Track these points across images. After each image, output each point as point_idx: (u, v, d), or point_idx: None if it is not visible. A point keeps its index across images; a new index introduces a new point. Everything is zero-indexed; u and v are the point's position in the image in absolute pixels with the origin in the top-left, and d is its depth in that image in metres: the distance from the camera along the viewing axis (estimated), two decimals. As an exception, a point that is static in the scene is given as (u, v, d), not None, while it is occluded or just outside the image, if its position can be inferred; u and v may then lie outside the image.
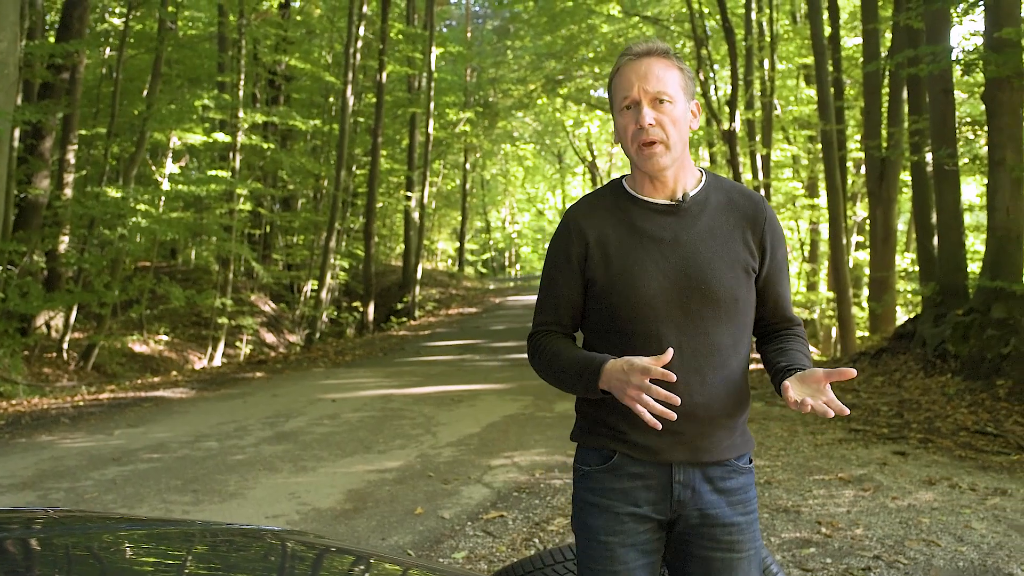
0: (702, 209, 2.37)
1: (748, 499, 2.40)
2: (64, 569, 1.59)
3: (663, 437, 2.30)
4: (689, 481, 2.34)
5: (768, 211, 2.42)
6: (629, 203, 2.41)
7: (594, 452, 2.42)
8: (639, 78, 2.29)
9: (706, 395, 2.30)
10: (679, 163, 2.35)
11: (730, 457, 2.37)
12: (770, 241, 2.40)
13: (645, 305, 2.29)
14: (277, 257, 27.94)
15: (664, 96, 2.29)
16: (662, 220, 2.36)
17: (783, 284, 2.46)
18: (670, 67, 2.33)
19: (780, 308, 2.47)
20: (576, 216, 2.45)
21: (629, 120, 2.32)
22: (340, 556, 2.00)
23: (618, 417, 2.34)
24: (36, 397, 12.31)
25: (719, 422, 2.33)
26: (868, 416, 9.54)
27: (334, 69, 26.86)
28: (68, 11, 17.56)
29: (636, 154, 2.32)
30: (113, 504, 6.37)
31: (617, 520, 2.35)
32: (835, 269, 17.71)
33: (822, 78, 17.53)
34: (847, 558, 5.00)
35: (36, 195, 17.02)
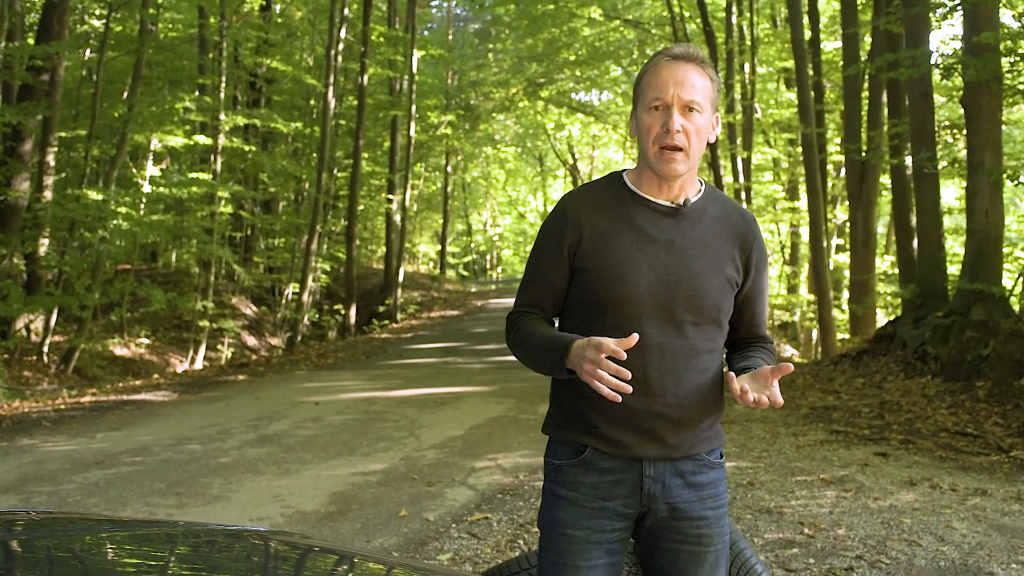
0: (700, 217, 2.40)
1: (718, 494, 2.43)
2: (46, 571, 1.58)
3: (635, 433, 2.34)
4: (660, 475, 2.37)
5: (758, 233, 2.48)
6: (630, 199, 2.42)
7: (566, 446, 2.44)
8: (675, 83, 2.31)
9: (681, 396, 2.33)
10: (690, 171, 2.38)
11: (701, 451, 2.41)
12: (755, 262, 2.45)
13: (631, 301, 2.31)
14: (258, 260, 27.85)
15: (695, 105, 2.31)
16: (662, 221, 2.38)
17: (760, 304, 2.51)
18: (704, 76, 2.35)
19: (754, 326, 2.52)
20: (575, 204, 2.45)
21: (656, 121, 2.32)
22: (325, 556, 2.01)
23: (592, 411, 2.36)
24: (16, 400, 12.23)
25: (691, 423, 2.37)
26: (849, 418, 9.60)
27: (315, 72, 26.79)
28: (48, 13, 17.46)
29: (655, 155, 2.33)
30: (96, 507, 6.35)
31: (586, 514, 2.38)
32: (815, 272, 17.79)
33: (802, 81, 17.62)
34: (830, 558, 5.04)
35: (16, 197, 16.91)
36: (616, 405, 2.27)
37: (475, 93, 37.72)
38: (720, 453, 2.49)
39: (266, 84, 26.82)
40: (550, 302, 2.47)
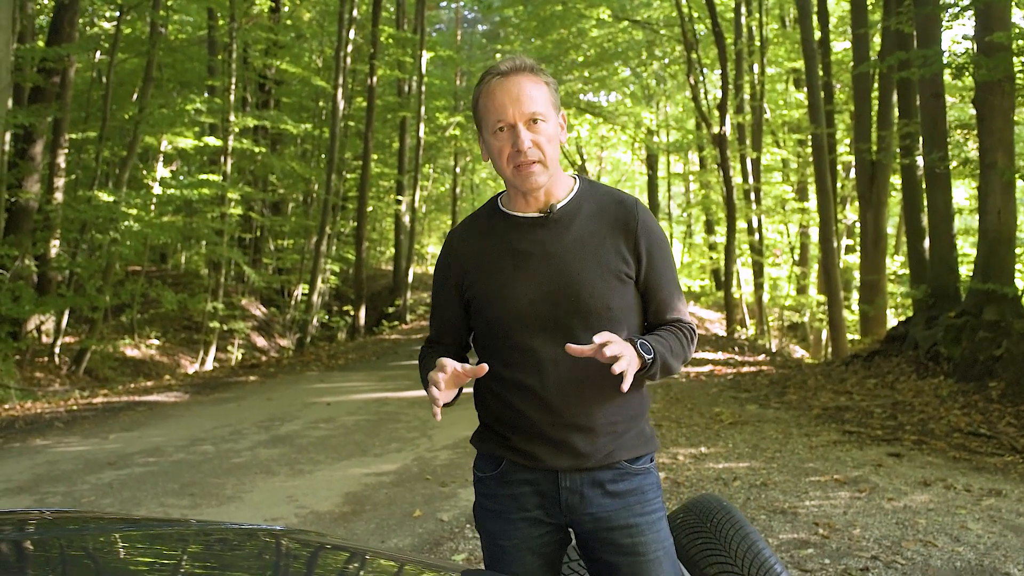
0: (572, 219, 2.35)
1: (646, 500, 2.37)
2: (60, 570, 1.58)
3: (544, 445, 2.33)
4: (576, 487, 2.34)
5: (641, 215, 2.38)
6: (501, 220, 2.41)
7: (486, 458, 2.46)
8: (512, 100, 2.26)
9: (584, 404, 2.30)
10: (552, 177, 2.34)
11: (620, 460, 2.35)
12: (645, 245, 2.35)
13: (517, 319, 2.30)
14: (268, 261, 27.90)
15: (538, 116, 2.26)
16: (531, 234, 2.35)
17: (665, 288, 2.41)
18: (539, 83, 2.30)
19: (662, 312, 2.41)
20: (452, 239, 2.49)
21: (504, 142, 2.28)
22: (341, 553, 2.01)
23: (503, 425, 2.39)
24: (29, 402, 12.27)
25: (602, 430, 2.32)
26: (862, 418, 9.57)
27: (324, 73, 26.84)
28: (58, 15, 17.51)
29: (513, 175, 2.29)
30: (110, 508, 6.36)
31: (511, 525, 2.39)
32: (826, 272, 17.78)
33: (812, 82, 17.60)
34: (845, 559, 5.03)
35: (27, 199, 16.95)
36: (523, 419, 2.32)
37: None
38: (650, 459, 2.43)
39: (275, 86, 26.86)
40: (449, 336, 2.51)
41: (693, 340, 2.43)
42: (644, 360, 2.20)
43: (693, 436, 8.90)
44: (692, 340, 2.42)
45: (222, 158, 20.32)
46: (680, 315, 2.42)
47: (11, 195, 16.59)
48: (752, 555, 3.01)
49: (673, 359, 2.31)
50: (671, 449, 8.24)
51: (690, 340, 2.41)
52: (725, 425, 9.45)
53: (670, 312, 2.41)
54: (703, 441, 8.61)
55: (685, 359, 2.38)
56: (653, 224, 2.40)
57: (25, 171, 17.03)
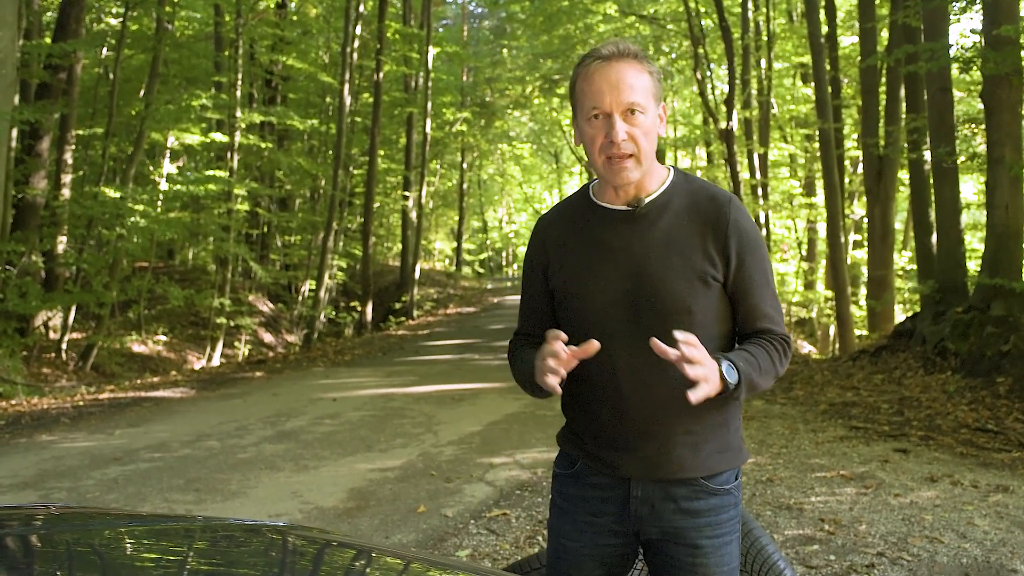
0: (660, 214, 2.25)
1: (718, 522, 2.28)
2: (66, 564, 1.57)
3: (619, 452, 2.27)
4: (648, 498, 2.27)
5: (735, 213, 2.24)
6: (589, 210, 2.34)
7: (565, 456, 2.43)
8: (610, 88, 2.15)
9: (659, 410, 2.21)
10: (646, 171, 2.24)
11: (697, 476, 2.26)
12: (735, 246, 2.22)
13: (594, 316, 2.23)
14: (275, 257, 27.90)
15: (636, 107, 2.16)
16: (617, 227, 2.27)
17: (756, 293, 2.26)
18: (641, 72, 2.19)
19: (752, 319, 2.27)
20: (541, 224, 2.43)
21: (598, 131, 2.18)
22: (344, 550, 1.99)
23: (580, 427, 2.35)
24: (35, 397, 12.29)
25: (677, 439, 2.23)
26: (869, 414, 9.55)
27: (331, 69, 26.82)
28: (65, 11, 17.52)
29: (604, 166, 2.21)
30: (116, 503, 6.36)
31: (577, 527, 2.35)
32: (833, 267, 17.72)
33: (819, 76, 17.54)
34: (851, 555, 5.01)
35: (34, 195, 16.98)
36: (596, 422, 2.27)
37: (490, 90, 37.72)
38: (735, 475, 2.33)
39: (282, 82, 26.88)
40: (537, 326, 2.39)
41: (785, 354, 2.28)
42: (727, 385, 2.07)
43: (699, 432, 8.87)
44: (784, 354, 2.27)
45: (228, 154, 20.32)
46: (772, 324, 2.28)
47: (18, 191, 16.62)
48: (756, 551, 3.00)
49: (761, 377, 2.17)
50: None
51: (782, 354, 2.26)
52: (731, 421, 9.42)
53: (760, 320, 2.27)
54: (709, 437, 8.58)
55: (776, 375, 2.24)
56: (747, 223, 2.26)
57: (32, 167, 17.06)
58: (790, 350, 2.30)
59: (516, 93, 35.68)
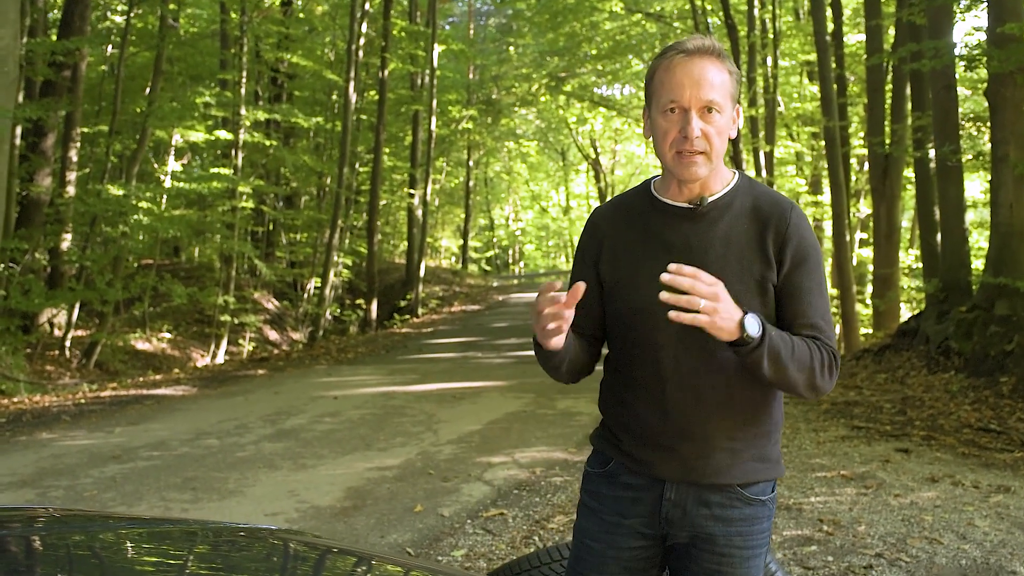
0: (722, 214, 2.22)
1: (752, 532, 2.25)
2: (65, 568, 1.57)
3: (657, 452, 2.23)
4: (680, 501, 2.24)
5: (796, 219, 2.21)
6: (649, 205, 2.30)
7: (598, 456, 2.39)
8: (692, 83, 2.12)
9: (702, 414, 2.18)
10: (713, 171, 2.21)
11: (733, 483, 2.22)
12: (791, 251, 2.18)
13: (644, 312, 2.18)
14: (281, 255, 27.91)
15: (714, 105, 2.13)
16: (677, 225, 2.24)
17: (805, 301, 2.19)
18: (722, 71, 2.17)
19: (798, 327, 2.18)
20: (596, 215, 2.40)
21: (672, 125, 2.15)
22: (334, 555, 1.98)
23: (617, 423, 2.32)
24: (38, 395, 12.30)
25: (718, 444, 2.20)
26: (871, 413, 9.50)
27: (336, 66, 26.81)
28: (69, 9, 17.54)
29: (673, 160, 2.17)
30: (112, 502, 6.35)
31: (605, 526, 2.31)
32: (838, 266, 17.65)
33: (825, 75, 17.48)
34: (849, 556, 4.98)
35: (38, 193, 17.01)
36: (637, 421, 2.23)
37: (497, 88, 37.70)
38: (770, 488, 2.29)
39: (288, 80, 26.86)
40: (582, 319, 2.28)
41: (831, 366, 2.16)
42: (744, 334, 1.99)
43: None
44: (828, 364, 2.15)
45: (233, 152, 20.33)
46: (819, 333, 2.18)
47: (22, 189, 16.65)
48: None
49: (792, 361, 2.07)
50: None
51: (824, 360, 2.15)
52: (732, 420, 9.39)
53: (807, 329, 2.18)
54: (710, 436, 8.55)
55: (812, 374, 2.12)
56: (808, 232, 2.22)
57: (36, 165, 17.08)
58: (837, 365, 2.19)
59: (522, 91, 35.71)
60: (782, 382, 2.11)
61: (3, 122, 11.73)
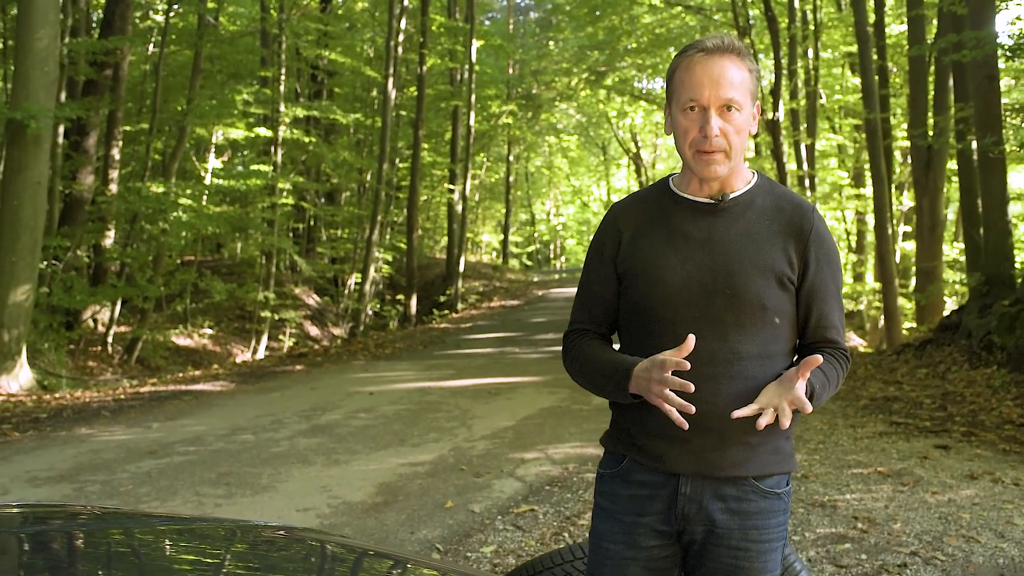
0: (744, 211, 2.26)
1: (768, 526, 2.26)
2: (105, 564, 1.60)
3: (672, 444, 2.22)
4: (696, 495, 2.23)
5: (817, 223, 2.25)
6: (670, 200, 2.33)
7: (611, 457, 2.39)
8: (711, 82, 2.16)
9: (719, 405, 2.16)
10: (733, 168, 2.25)
11: (747, 475, 2.23)
12: (814, 255, 2.23)
13: (665, 302, 2.20)
14: (322, 251, 28.08)
15: (733, 103, 2.16)
16: (699, 219, 2.26)
17: (828, 303, 2.26)
18: (742, 69, 2.20)
19: (821, 329, 2.26)
20: (616, 211, 2.41)
21: (692, 123, 2.19)
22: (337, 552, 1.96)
23: (632, 422, 2.30)
24: (79, 390, 12.45)
25: (733, 436, 2.20)
26: (910, 409, 9.37)
27: (376, 63, 26.91)
28: (110, 8, 17.74)
29: (693, 158, 2.20)
30: (147, 496, 6.40)
31: (622, 527, 2.30)
32: (881, 259, 17.47)
33: (866, 66, 17.28)
34: (883, 554, 4.90)
35: (81, 191, 17.22)
36: (653, 415, 2.19)
37: (536, 82, 37.62)
38: (786, 482, 2.30)
39: (328, 76, 27.00)
40: (602, 314, 2.38)
41: (846, 368, 2.30)
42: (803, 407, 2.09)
43: (735, 427, 8.76)
44: (846, 369, 2.29)
45: (273, 148, 20.46)
46: (838, 336, 2.28)
47: (65, 187, 16.87)
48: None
49: (827, 394, 2.20)
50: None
51: (845, 369, 2.28)
52: (769, 416, 9.29)
53: (828, 330, 2.26)
54: (745, 432, 8.47)
55: (838, 389, 2.26)
56: (827, 235, 2.28)
57: (79, 163, 17.30)
58: (849, 365, 2.32)
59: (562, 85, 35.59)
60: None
61: (44, 121, 11.87)
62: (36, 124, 11.61)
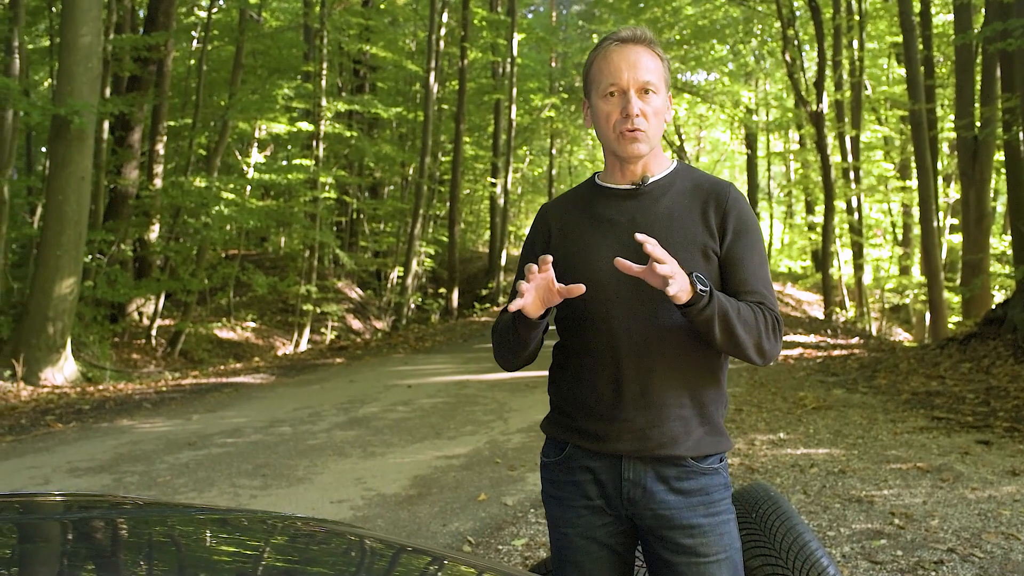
0: (664, 192, 2.34)
1: (712, 500, 2.30)
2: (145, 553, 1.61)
3: (611, 424, 2.28)
4: (639, 479, 2.28)
5: (734, 195, 2.33)
6: (594, 192, 2.42)
7: (552, 443, 2.44)
8: (628, 66, 2.27)
9: (655, 381, 2.25)
10: (653, 152, 2.34)
11: (687, 455, 2.27)
12: (733, 223, 2.29)
13: (596, 287, 2.24)
14: (364, 244, 28.21)
15: (651, 87, 2.27)
16: (621, 204, 2.35)
17: (747, 269, 2.29)
18: (655, 57, 2.31)
19: (744, 294, 2.27)
20: (545, 209, 2.51)
21: (613, 107, 2.28)
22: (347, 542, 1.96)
23: (570, 402, 2.36)
24: (122, 383, 12.60)
25: (670, 412, 2.26)
26: (953, 404, 9.22)
27: (418, 57, 26.97)
28: (154, 5, 17.91)
29: (617, 140, 2.29)
30: (184, 487, 6.46)
31: (574, 513, 2.36)
32: (926, 252, 17.25)
33: (911, 56, 17.07)
34: (919, 550, 4.83)
35: (125, 186, 17.42)
36: (592, 394, 2.29)
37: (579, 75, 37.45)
38: (719, 459, 2.35)
39: (370, 71, 27.09)
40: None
41: (775, 328, 2.26)
42: (696, 291, 2.07)
43: (773, 421, 8.69)
44: (772, 327, 2.25)
45: (314, 143, 20.57)
46: (763, 298, 2.28)
47: (110, 182, 17.07)
48: (798, 547, 2.88)
49: (738, 321, 2.16)
50: (749, 435, 8.06)
51: (768, 323, 2.24)
52: (808, 410, 9.21)
53: (750, 295, 2.28)
54: (783, 426, 8.40)
55: (759, 335, 2.21)
56: (745, 207, 2.35)
57: (124, 158, 17.50)
58: (781, 328, 2.29)
59: (605, 78, 35.38)
60: (732, 343, 2.19)
61: (88, 117, 12.01)
62: (80, 120, 11.76)
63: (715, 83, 37.84)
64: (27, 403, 10.58)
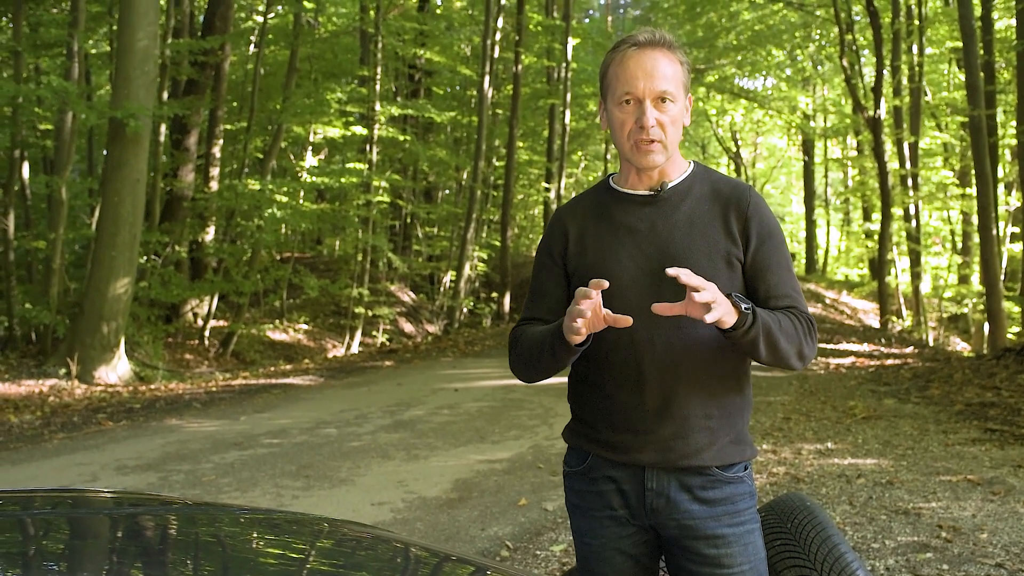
0: (683, 198, 2.29)
1: (737, 510, 2.26)
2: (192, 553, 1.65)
3: (635, 435, 2.24)
4: (663, 489, 2.25)
5: (754, 198, 2.28)
6: (611, 197, 2.37)
7: (575, 452, 2.41)
8: (644, 74, 2.20)
9: (679, 392, 2.21)
10: (670, 159, 2.29)
11: (711, 465, 2.24)
12: (756, 228, 2.25)
13: (617, 296, 2.20)
14: (418, 248, 28.34)
15: (667, 95, 2.20)
16: (640, 211, 2.30)
17: (775, 274, 2.26)
18: (673, 61, 2.24)
19: (773, 299, 2.24)
20: (560, 213, 2.46)
21: (628, 116, 2.23)
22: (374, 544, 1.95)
23: (592, 412, 2.33)
24: (173, 382, 12.76)
25: (695, 423, 2.22)
26: (1007, 415, 9.02)
27: (472, 62, 27.04)
28: (211, 10, 18.14)
29: (631, 150, 2.24)
30: (228, 487, 6.52)
31: (597, 523, 2.32)
32: (985, 261, 16.90)
33: (970, 61, 16.76)
34: (966, 565, 4.72)
35: (181, 188, 17.65)
36: (614, 405, 2.25)
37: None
38: (744, 467, 2.32)
39: (425, 75, 27.22)
40: (550, 313, 2.38)
41: (810, 332, 2.24)
42: (740, 311, 2.05)
43: (821, 430, 8.57)
44: (808, 331, 2.23)
45: (368, 146, 20.70)
46: (794, 303, 2.25)
47: (167, 184, 17.31)
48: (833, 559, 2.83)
49: (780, 334, 2.14)
50: (796, 444, 7.95)
51: (806, 328, 2.22)
52: (857, 420, 9.07)
53: (781, 299, 2.24)
54: (831, 436, 8.28)
55: (800, 345, 2.20)
56: (766, 210, 2.31)
57: (180, 161, 17.74)
58: (815, 330, 2.26)
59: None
60: (775, 355, 2.16)
61: (144, 120, 12.19)
62: (136, 123, 11.93)
63: (772, 88, 37.57)
64: (80, 401, 10.76)
